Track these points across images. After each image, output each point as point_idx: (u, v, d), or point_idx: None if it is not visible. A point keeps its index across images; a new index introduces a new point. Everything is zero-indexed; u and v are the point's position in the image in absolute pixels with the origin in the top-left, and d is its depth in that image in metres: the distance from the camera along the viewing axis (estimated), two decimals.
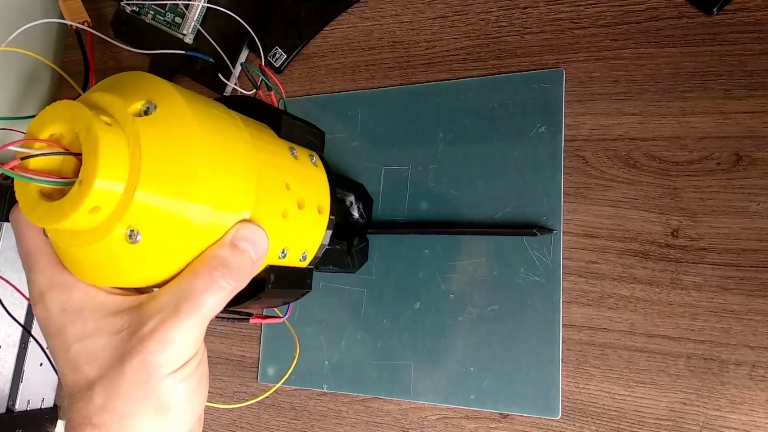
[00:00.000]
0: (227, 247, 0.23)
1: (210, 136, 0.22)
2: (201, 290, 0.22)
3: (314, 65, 0.47)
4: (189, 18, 0.48)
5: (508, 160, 0.40)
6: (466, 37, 0.42)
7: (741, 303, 0.34)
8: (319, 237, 0.29)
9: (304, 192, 0.27)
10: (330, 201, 0.29)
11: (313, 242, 0.29)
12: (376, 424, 0.42)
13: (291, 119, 0.29)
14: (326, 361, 0.44)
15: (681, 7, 0.37)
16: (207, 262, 0.23)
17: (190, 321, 0.22)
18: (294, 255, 0.28)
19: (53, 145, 0.21)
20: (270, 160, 0.25)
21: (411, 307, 0.42)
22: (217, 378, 0.48)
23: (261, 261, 0.24)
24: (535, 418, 0.38)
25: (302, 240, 0.28)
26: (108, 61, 0.56)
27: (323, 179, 0.29)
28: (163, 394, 0.22)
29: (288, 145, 0.28)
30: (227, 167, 0.22)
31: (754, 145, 0.35)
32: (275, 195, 0.25)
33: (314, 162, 0.29)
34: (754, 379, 0.34)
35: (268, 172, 0.25)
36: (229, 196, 0.22)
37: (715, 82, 0.36)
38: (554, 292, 0.38)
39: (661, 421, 0.35)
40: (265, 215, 0.24)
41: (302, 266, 0.30)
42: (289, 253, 0.27)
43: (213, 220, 0.22)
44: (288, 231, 0.27)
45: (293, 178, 0.27)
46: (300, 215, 0.27)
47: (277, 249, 0.27)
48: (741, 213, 0.35)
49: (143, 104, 0.21)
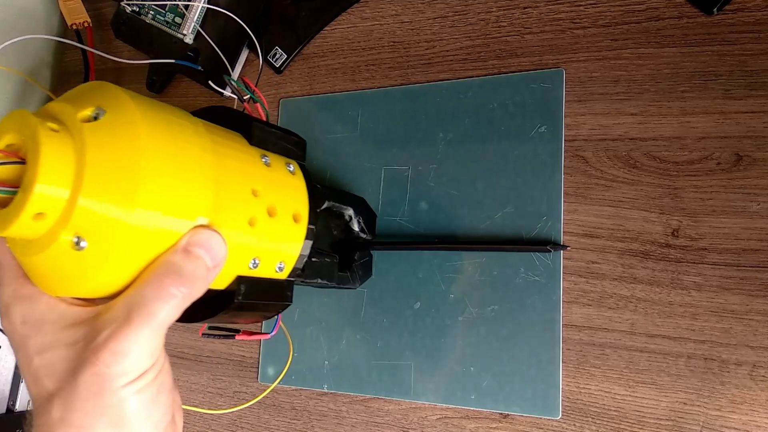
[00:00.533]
0: (180, 253, 0.22)
1: (159, 140, 0.21)
2: (151, 298, 0.21)
3: (314, 65, 0.47)
4: (189, 18, 0.48)
5: (508, 160, 0.40)
6: (466, 37, 0.42)
7: (741, 303, 0.34)
8: (296, 247, 0.28)
9: (276, 199, 0.27)
10: (309, 210, 0.28)
11: (289, 252, 0.28)
12: (376, 424, 0.42)
13: (264, 127, 0.28)
14: (326, 361, 0.44)
15: (681, 7, 0.37)
16: (157, 269, 0.22)
17: (142, 331, 0.21)
18: (268, 265, 0.27)
19: (7, 154, 0.20)
20: (234, 166, 0.25)
21: (411, 307, 0.42)
22: (217, 378, 0.48)
23: (218, 268, 0.23)
24: (535, 418, 0.38)
25: (276, 250, 0.27)
26: (108, 61, 0.56)
27: (301, 187, 0.29)
28: (119, 407, 0.21)
29: (260, 152, 0.27)
30: (178, 172, 0.22)
31: (754, 145, 0.35)
32: (239, 201, 0.25)
33: (291, 170, 0.29)
34: (755, 379, 0.34)
35: (230, 178, 0.24)
36: (180, 201, 0.22)
37: (715, 82, 0.36)
38: (554, 292, 0.38)
39: (661, 421, 0.35)
40: (226, 222, 0.24)
41: (280, 278, 0.28)
42: (262, 263, 0.27)
43: (163, 225, 0.21)
44: (258, 240, 0.26)
45: (262, 185, 0.26)
46: (271, 223, 0.26)
47: (247, 258, 0.26)
48: (741, 213, 0.35)
49: (93, 110, 0.21)
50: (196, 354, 0.49)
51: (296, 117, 0.47)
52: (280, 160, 0.29)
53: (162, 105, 0.24)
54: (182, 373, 0.49)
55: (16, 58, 0.56)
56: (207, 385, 0.48)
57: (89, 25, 0.52)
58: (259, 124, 0.28)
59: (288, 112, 0.48)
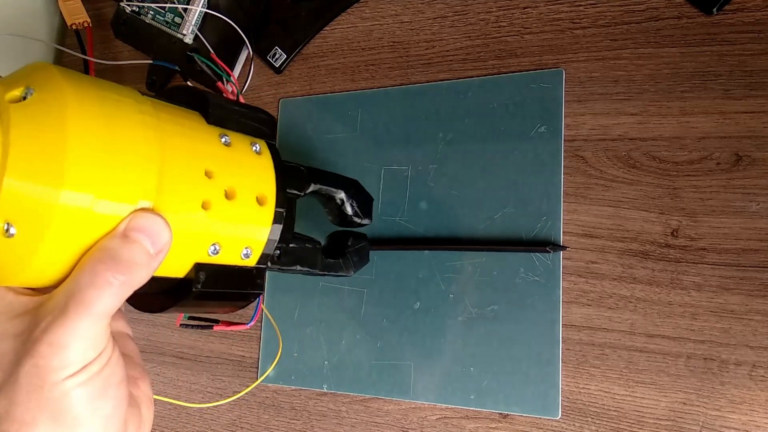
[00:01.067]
0: (117, 239, 0.21)
1: (90, 119, 0.20)
2: (86, 287, 0.20)
3: (314, 65, 0.47)
4: (189, 18, 0.48)
5: (508, 160, 0.40)
6: (466, 37, 0.42)
7: (741, 303, 0.34)
8: (262, 232, 0.26)
9: (235, 181, 0.25)
10: (277, 192, 0.27)
11: (255, 237, 0.26)
12: (376, 424, 0.42)
13: (224, 104, 0.26)
14: (326, 361, 0.44)
15: (681, 7, 0.37)
16: (93, 256, 0.21)
17: (79, 321, 0.20)
18: (231, 252, 0.26)
19: None
20: (183, 145, 0.23)
21: (411, 307, 0.42)
22: (217, 378, 0.48)
23: (162, 253, 0.22)
24: (535, 418, 0.38)
25: (239, 235, 0.26)
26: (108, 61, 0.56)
27: (267, 168, 0.27)
28: (61, 401, 0.21)
29: (219, 131, 0.26)
30: (112, 152, 0.20)
31: (754, 145, 0.35)
32: (189, 183, 0.23)
33: (257, 150, 0.27)
34: (754, 379, 0.34)
35: (178, 158, 0.23)
36: (115, 183, 0.21)
37: (714, 82, 0.36)
38: (554, 292, 0.38)
39: (661, 421, 0.35)
40: (174, 205, 0.23)
41: (247, 265, 0.27)
42: (223, 249, 0.25)
43: (97, 209, 0.20)
44: (214, 224, 0.24)
45: (218, 165, 0.24)
46: (229, 206, 0.25)
47: (205, 244, 0.24)
48: (741, 213, 0.35)
49: (22, 90, 0.20)
50: (196, 354, 0.49)
51: (296, 117, 0.47)
52: (244, 139, 0.27)
53: (103, 84, 0.23)
54: (182, 373, 0.49)
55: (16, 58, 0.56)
56: (207, 385, 0.48)
57: (89, 25, 0.52)
58: (217, 101, 0.26)
59: (288, 112, 0.48)
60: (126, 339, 0.28)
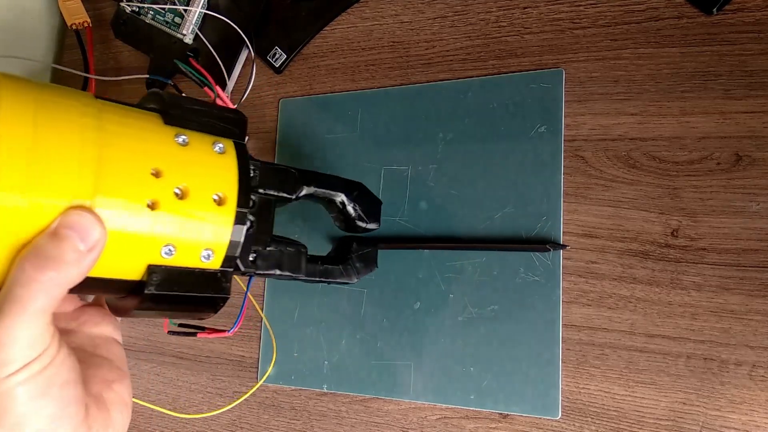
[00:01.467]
0: (46, 236, 0.21)
1: (21, 122, 0.21)
2: (17, 285, 0.21)
3: (314, 65, 0.47)
4: (189, 18, 0.48)
5: (508, 160, 0.40)
6: (466, 37, 0.42)
7: (741, 303, 0.34)
8: (223, 233, 0.26)
9: (188, 180, 0.25)
10: (239, 192, 0.26)
11: (215, 239, 0.26)
12: (376, 424, 0.42)
13: (183, 104, 0.26)
14: (326, 361, 0.44)
15: (681, 7, 0.37)
16: (22, 254, 0.21)
17: (14, 320, 0.20)
18: (189, 254, 0.25)
19: None
20: (127, 145, 0.23)
21: (411, 307, 0.42)
22: (217, 378, 0.48)
23: (95, 251, 0.22)
24: (535, 418, 0.38)
25: (195, 236, 0.25)
26: (108, 61, 0.56)
27: (229, 167, 0.26)
28: (1, 399, 0.21)
29: (175, 131, 0.26)
30: (43, 153, 0.21)
31: (754, 145, 0.35)
32: (133, 183, 0.23)
33: (219, 149, 0.26)
34: (754, 379, 0.34)
35: (120, 158, 0.23)
36: (45, 183, 0.21)
37: (714, 82, 0.36)
38: (554, 292, 0.38)
39: (660, 421, 0.35)
40: (115, 204, 0.23)
41: (210, 267, 0.26)
42: (178, 250, 0.25)
43: (27, 208, 0.21)
44: (164, 224, 0.24)
45: (169, 165, 0.24)
46: (181, 207, 0.24)
47: (156, 245, 0.24)
48: (741, 213, 0.35)
49: None
50: (196, 354, 0.49)
51: (296, 117, 0.47)
52: (205, 138, 0.26)
53: (47, 89, 0.23)
54: (182, 373, 0.49)
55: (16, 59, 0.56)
56: (206, 385, 0.48)
57: (89, 25, 0.52)
58: (174, 101, 0.26)
59: (288, 112, 0.48)
60: (111, 343, 0.29)
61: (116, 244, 0.23)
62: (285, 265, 0.30)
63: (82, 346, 0.28)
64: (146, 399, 0.50)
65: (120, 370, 0.28)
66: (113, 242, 0.23)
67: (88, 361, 0.27)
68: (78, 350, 0.27)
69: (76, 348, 0.27)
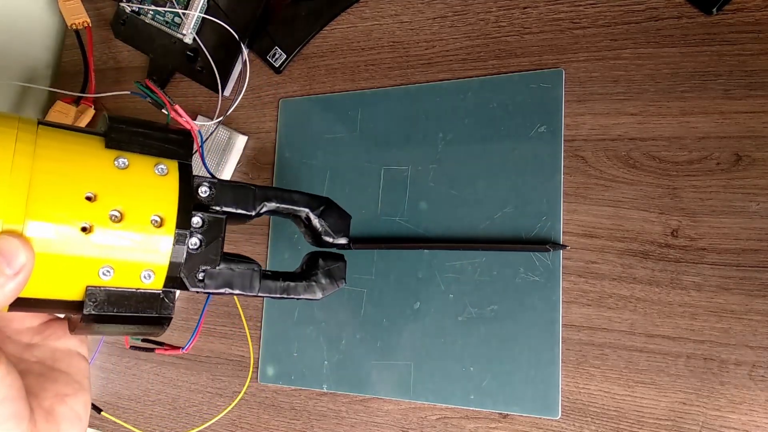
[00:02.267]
0: None
1: None
2: None
3: (314, 65, 0.47)
4: (188, 18, 0.48)
5: (508, 160, 0.40)
6: (466, 37, 0.42)
7: (741, 303, 0.34)
8: (161, 254, 0.26)
9: (123, 203, 0.25)
10: (178, 213, 0.26)
11: (153, 260, 0.26)
12: (376, 424, 0.42)
13: (125, 127, 0.27)
14: (326, 361, 0.44)
15: (680, 7, 0.37)
16: None
17: None
18: (127, 275, 0.26)
19: None
20: (60, 170, 0.24)
21: (411, 307, 0.42)
22: (217, 378, 0.48)
23: (22, 274, 0.23)
24: (534, 418, 0.38)
25: (132, 257, 0.26)
26: (108, 61, 0.56)
27: (169, 188, 0.27)
28: None
29: (115, 154, 0.26)
30: None
31: (754, 145, 0.35)
32: (65, 207, 0.24)
33: (160, 171, 0.27)
34: (754, 379, 0.34)
35: (52, 183, 0.24)
36: None
37: (714, 82, 0.36)
38: (554, 292, 0.38)
39: (660, 421, 0.35)
40: (46, 229, 0.24)
41: (151, 288, 0.27)
42: (116, 272, 0.25)
43: None
44: (99, 248, 0.25)
45: (104, 188, 0.25)
46: (116, 229, 0.25)
47: (93, 267, 0.25)
48: (741, 213, 0.35)
49: None
50: (196, 354, 0.49)
51: (296, 117, 0.47)
52: (147, 161, 0.27)
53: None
54: (182, 373, 0.49)
55: (16, 59, 0.56)
56: (206, 385, 0.48)
57: (89, 25, 0.52)
58: (116, 125, 0.27)
59: (288, 112, 0.48)
60: (73, 357, 0.29)
61: (50, 266, 0.24)
62: (236, 284, 0.30)
63: (42, 360, 0.28)
64: (146, 399, 0.50)
65: (78, 384, 0.28)
66: (47, 264, 0.24)
67: (46, 375, 0.28)
68: (37, 363, 0.28)
69: (37, 361, 0.28)
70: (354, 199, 0.44)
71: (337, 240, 0.35)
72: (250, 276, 0.31)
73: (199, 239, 0.28)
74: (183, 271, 0.27)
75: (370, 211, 0.43)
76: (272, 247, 0.47)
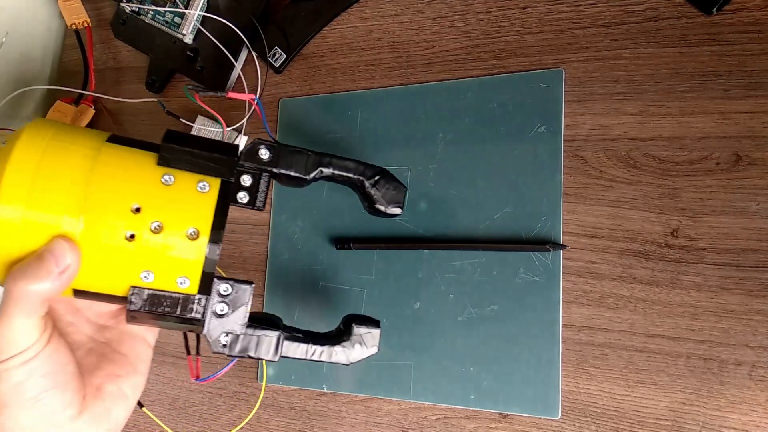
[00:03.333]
0: (34, 256, 0.27)
1: (27, 160, 0.27)
2: (5, 291, 0.26)
3: (314, 65, 0.47)
4: (188, 18, 0.48)
5: (508, 160, 0.40)
6: (465, 37, 0.42)
7: (741, 303, 0.34)
8: (194, 263, 0.29)
9: (164, 216, 0.28)
10: (213, 228, 0.29)
11: (188, 268, 0.29)
12: (376, 424, 0.42)
13: (176, 147, 0.30)
14: None
15: (680, 7, 0.37)
16: (14, 268, 0.27)
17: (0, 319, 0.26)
18: (165, 279, 0.29)
19: None
20: (113, 186, 0.28)
21: (411, 307, 0.42)
22: (217, 378, 0.48)
23: (69, 272, 0.27)
24: (534, 418, 0.38)
25: (170, 265, 0.29)
26: (107, 61, 0.56)
27: (207, 205, 0.30)
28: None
29: (163, 171, 0.29)
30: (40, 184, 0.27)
31: (754, 145, 0.35)
32: (114, 218, 0.28)
33: (202, 188, 0.30)
34: (754, 379, 0.34)
35: (107, 196, 0.28)
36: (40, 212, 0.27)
37: (714, 82, 0.36)
38: (554, 292, 0.38)
39: (660, 421, 0.35)
40: (97, 236, 0.27)
41: (186, 292, 0.29)
42: (156, 276, 0.29)
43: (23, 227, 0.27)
44: (140, 254, 0.28)
45: (149, 203, 0.28)
46: (156, 239, 0.28)
47: (135, 271, 0.28)
48: (741, 213, 0.35)
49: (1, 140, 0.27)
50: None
51: (296, 117, 0.47)
52: (191, 178, 0.30)
53: (63, 133, 0.28)
54: (182, 373, 0.49)
55: (16, 59, 0.56)
56: (207, 384, 0.48)
57: (89, 25, 0.52)
58: (168, 145, 0.30)
59: (288, 112, 0.48)
60: (137, 341, 0.33)
61: (99, 266, 0.28)
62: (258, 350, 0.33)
63: (109, 341, 0.32)
64: (146, 399, 0.50)
65: (132, 367, 0.32)
66: (96, 264, 0.28)
67: (106, 355, 0.31)
68: (104, 344, 0.32)
69: (104, 342, 0.32)
70: (354, 198, 0.44)
71: (389, 209, 0.37)
72: (272, 342, 0.33)
73: (226, 304, 0.32)
74: (208, 336, 0.31)
75: None
76: (272, 247, 0.47)
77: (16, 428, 0.27)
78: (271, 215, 0.47)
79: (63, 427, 0.28)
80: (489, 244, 0.40)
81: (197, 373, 0.40)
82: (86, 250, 0.28)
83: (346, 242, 0.43)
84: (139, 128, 0.54)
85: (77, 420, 0.28)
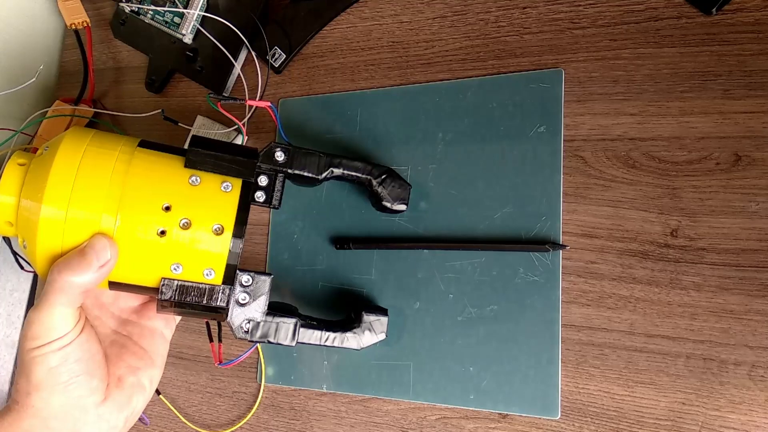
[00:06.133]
0: (76, 251, 0.29)
1: (68, 165, 0.30)
2: (50, 282, 0.29)
3: (313, 65, 0.47)
4: (188, 18, 0.48)
5: (508, 160, 0.40)
6: (465, 37, 0.42)
7: (740, 303, 0.34)
8: (219, 256, 0.32)
9: (192, 214, 0.31)
10: (235, 225, 0.32)
11: (213, 261, 0.32)
12: (376, 424, 0.42)
13: (201, 151, 0.32)
14: (325, 361, 0.44)
15: (680, 7, 0.37)
16: (59, 260, 0.29)
17: (42, 306, 0.28)
18: (193, 271, 0.31)
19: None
20: (146, 186, 0.31)
21: (411, 307, 0.42)
22: (216, 378, 0.48)
23: (108, 266, 0.29)
24: (534, 418, 0.38)
25: (196, 258, 0.31)
26: (107, 61, 0.56)
27: (231, 203, 0.32)
28: (28, 365, 0.28)
29: (190, 173, 0.32)
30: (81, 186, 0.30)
31: (753, 145, 0.35)
32: (148, 215, 0.30)
33: (226, 188, 0.32)
34: (754, 379, 0.34)
35: (141, 196, 0.31)
36: (81, 210, 0.30)
37: (714, 82, 0.36)
38: (553, 292, 0.38)
39: (660, 421, 0.35)
40: (132, 232, 0.30)
41: (212, 283, 0.32)
42: (185, 268, 0.31)
43: (67, 224, 0.29)
44: (171, 249, 0.31)
45: (178, 201, 0.31)
46: (185, 235, 0.31)
47: (166, 263, 0.31)
48: (740, 213, 0.35)
49: (42, 149, 0.32)
50: (195, 354, 0.49)
51: (296, 117, 0.47)
52: (215, 179, 0.32)
53: (99, 138, 0.32)
54: (181, 373, 0.49)
55: (16, 59, 0.56)
56: (206, 385, 0.48)
57: (88, 25, 0.52)
58: (195, 149, 0.32)
59: (287, 112, 0.48)
60: (156, 335, 0.35)
61: (133, 259, 0.31)
62: (277, 336, 0.36)
63: (130, 334, 0.35)
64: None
65: (150, 360, 0.34)
66: (131, 258, 0.30)
67: (128, 347, 0.34)
68: (126, 337, 0.34)
69: (127, 335, 0.34)
70: (354, 198, 0.44)
71: (394, 206, 0.40)
72: (290, 329, 0.36)
73: (247, 293, 0.34)
74: (231, 323, 0.34)
75: (369, 211, 0.43)
76: (272, 247, 0.47)
77: (46, 410, 0.28)
78: (270, 215, 0.47)
79: (89, 411, 0.30)
80: (488, 244, 0.40)
81: (220, 358, 0.42)
82: (122, 245, 0.30)
83: (346, 242, 0.43)
84: (139, 127, 0.54)
85: (101, 406, 0.30)
